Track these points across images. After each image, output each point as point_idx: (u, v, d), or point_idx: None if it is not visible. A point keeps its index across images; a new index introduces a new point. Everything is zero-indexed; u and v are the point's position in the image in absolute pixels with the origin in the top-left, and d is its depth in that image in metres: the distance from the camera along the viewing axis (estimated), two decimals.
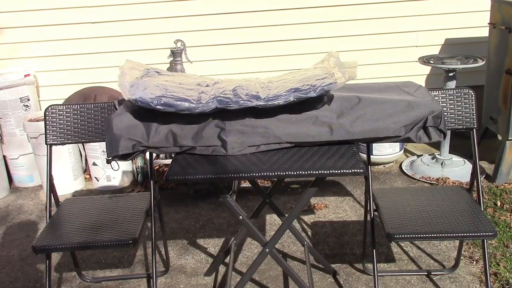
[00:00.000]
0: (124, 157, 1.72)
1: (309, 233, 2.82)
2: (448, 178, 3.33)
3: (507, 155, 3.21)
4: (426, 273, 2.40)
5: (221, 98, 1.73)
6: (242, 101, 1.71)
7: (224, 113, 1.74)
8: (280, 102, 1.69)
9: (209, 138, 1.71)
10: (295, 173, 1.61)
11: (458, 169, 3.40)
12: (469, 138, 2.13)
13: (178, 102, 1.69)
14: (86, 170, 3.69)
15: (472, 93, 2.11)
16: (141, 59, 3.66)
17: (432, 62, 3.32)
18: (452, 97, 2.11)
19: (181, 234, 2.88)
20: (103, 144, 1.72)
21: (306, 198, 1.81)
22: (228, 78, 2.08)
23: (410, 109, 1.77)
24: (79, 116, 2.15)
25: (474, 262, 2.46)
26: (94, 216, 2.13)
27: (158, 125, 1.72)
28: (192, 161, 1.70)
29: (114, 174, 3.48)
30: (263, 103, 1.70)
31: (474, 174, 2.15)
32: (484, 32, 3.52)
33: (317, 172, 1.61)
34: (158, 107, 1.67)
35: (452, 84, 3.31)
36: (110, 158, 1.72)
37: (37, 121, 3.33)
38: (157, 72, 2.07)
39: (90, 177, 3.59)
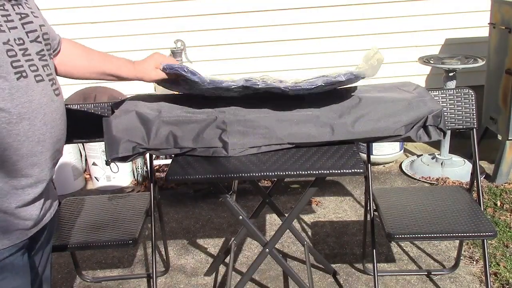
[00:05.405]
0: (123, 159, 1.71)
1: (309, 233, 2.81)
2: (448, 178, 3.33)
3: (507, 155, 3.21)
4: (426, 273, 2.40)
5: (248, 79, 1.74)
6: (269, 82, 1.72)
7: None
8: (307, 86, 1.67)
9: (210, 139, 1.70)
10: (295, 173, 1.61)
11: (458, 169, 3.40)
12: (469, 138, 2.13)
13: (201, 75, 1.68)
14: (86, 170, 3.69)
15: (472, 93, 2.11)
16: None
17: (432, 62, 3.32)
18: (452, 97, 2.11)
19: (181, 234, 2.88)
20: (103, 144, 1.72)
21: (306, 198, 1.81)
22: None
23: (411, 108, 1.76)
24: (79, 116, 2.15)
25: (474, 262, 2.46)
26: (94, 216, 2.13)
27: (158, 127, 1.71)
28: (192, 161, 1.69)
29: (114, 174, 3.48)
30: (291, 86, 1.69)
31: (474, 174, 2.15)
32: (484, 32, 3.52)
33: (317, 172, 1.61)
34: (187, 74, 1.67)
35: (452, 84, 3.31)
36: (110, 160, 1.71)
37: None
38: None
39: (90, 177, 3.59)
